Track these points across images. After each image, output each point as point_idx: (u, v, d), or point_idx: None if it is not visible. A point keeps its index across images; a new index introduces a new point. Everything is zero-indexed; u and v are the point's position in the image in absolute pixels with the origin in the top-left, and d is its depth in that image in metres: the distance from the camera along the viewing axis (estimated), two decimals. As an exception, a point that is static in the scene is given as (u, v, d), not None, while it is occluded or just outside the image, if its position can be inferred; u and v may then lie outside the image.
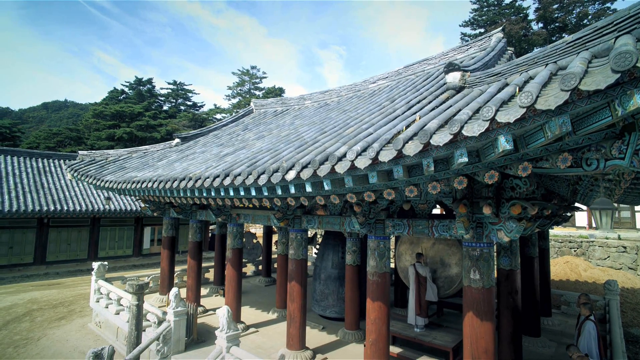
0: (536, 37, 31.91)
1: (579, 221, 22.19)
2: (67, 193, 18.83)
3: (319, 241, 13.32)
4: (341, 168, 4.03)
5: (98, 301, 10.89)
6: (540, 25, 34.30)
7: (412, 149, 3.40)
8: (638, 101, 2.38)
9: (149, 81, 49.88)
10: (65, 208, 17.54)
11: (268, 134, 9.32)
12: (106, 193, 19.31)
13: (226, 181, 5.80)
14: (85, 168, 11.11)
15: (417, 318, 8.03)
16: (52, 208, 17.08)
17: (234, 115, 15.62)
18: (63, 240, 19.19)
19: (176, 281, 13.66)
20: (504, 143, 3.01)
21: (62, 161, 21.09)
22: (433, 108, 4.69)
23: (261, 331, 9.34)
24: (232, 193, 6.05)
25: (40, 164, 20.19)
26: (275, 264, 16.08)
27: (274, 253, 15.68)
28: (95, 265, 11.39)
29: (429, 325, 8.23)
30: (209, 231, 25.44)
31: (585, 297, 6.92)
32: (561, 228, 21.38)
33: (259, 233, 26.26)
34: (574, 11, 31.76)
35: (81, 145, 40.26)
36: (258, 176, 5.23)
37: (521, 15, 33.82)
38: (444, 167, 3.87)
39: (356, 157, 3.89)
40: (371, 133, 4.63)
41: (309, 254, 18.14)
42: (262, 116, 14.15)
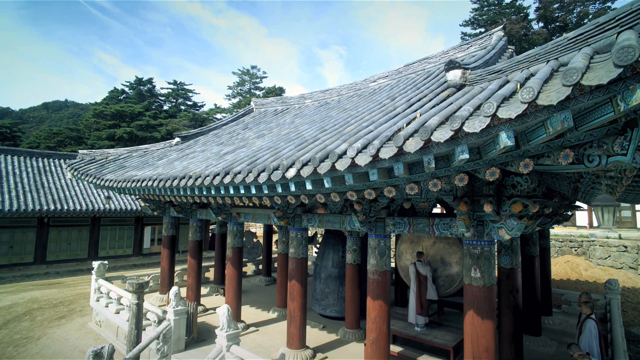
0: (537, 37, 31.86)
1: (580, 221, 22.17)
2: (68, 192, 18.83)
3: (319, 240, 13.30)
4: (342, 165, 4.02)
5: (98, 300, 10.88)
6: (540, 24, 34.27)
7: (413, 146, 3.39)
8: (641, 96, 2.36)
9: (149, 81, 49.88)
10: (65, 207, 17.54)
11: (268, 133, 9.31)
12: (106, 192, 19.32)
13: (226, 179, 5.79)
14: (85, 167, 11.10)
15: (418, 317, 8.01)
16: (53, 207, 17.08)
17: (234, 114, 15.60)
18: (63, 239, 19.19)
19: (176, 280, 13.65)
20: (505, 139, 3.00)
21: (62, 160, 21.09)
22: (434, 105, 4.68)
23: (261, 330, 9.33)
24: (232, 191, 6.04)
25: (40, 164, 20.19)
26: (275, 263, 16.07)
27: (274, 252, 15.65)
28: (95, 264, 11.36)
29: (430, 324, 8.22)
30: (209, 231, 25.43)
31: (586, 296, 6.90)
32: (562, 227, 21.35)
33: (259, 232, 26.24)
34: (575, 10, 31.73)
35: (81, 145, 40.28)
36: (258, 174, 5.21)
37: (521, 14, 33.79)
38: (445, 165, 3.85)
39: (357, 155, 3.87)
40: (372, 130, 4.61)
41: (309, 254, 18.13)
42: (263, 115, 14.14)
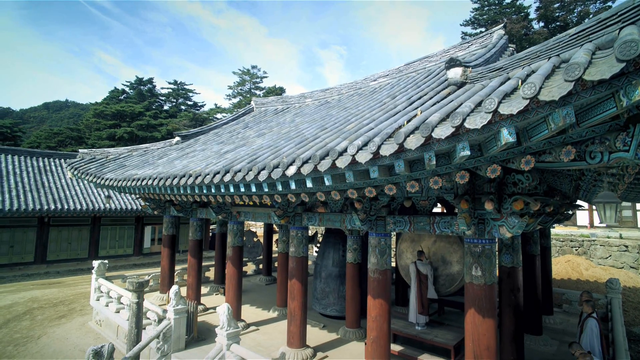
0: (537, 36, 31.81)
1: (581, 220, 22.13)
2: (68, 192, 18.82)
3: (320, 240, 13.28)
4: (342, 163, 4.00)
5: (98, 299, 10.87)
6: (541, 24, 34.26)
7: (414, 143, 3.37)
8: (643, 91, 2.34)
9: (150, 81, 49.89)
10: (65, 207, 17.53)
11: (269, 132, 9.29)
12: (107, 192, 19.32)
13: (226, 177, 5.77)
14: (85, 166, 11.09)
15: (418, 316, 8.00)
16: (53, 207, 17.08)
17: (235, 113, 15.59)
18: (64, 239, 19.18)
19: (176, 280, 13.64)
20: (507, 135, 2.98)
21: (63, 160, 21.08)
22: (434, 103, 4.66)
23: (262, 329, 9.32)
24: (233, 190, 6.02)
25: (40, 163, 20.18)
26: (276, 263, 16.06)
27: (275, 252, 15.64)
28: (95, 263, 11.34)
29: (430, 323, 8.20)
30: (210, 230, 25.43)
31: (587, 295, 6.89)
32: (563, 227, 21.32)
33: (260, 232, 26.22)
34: (575, 10, 31.71)
35: (82, 145, 40.28)
36: (258, 172, 5.20)
37: (522, 14, 33.77)
38: (446, 162, 3.84)
39: (357, 152, 3.86)
40: (372, 128, 4.59)
41: (310, 253, 18.11)
42: (263, 114, 14.13)
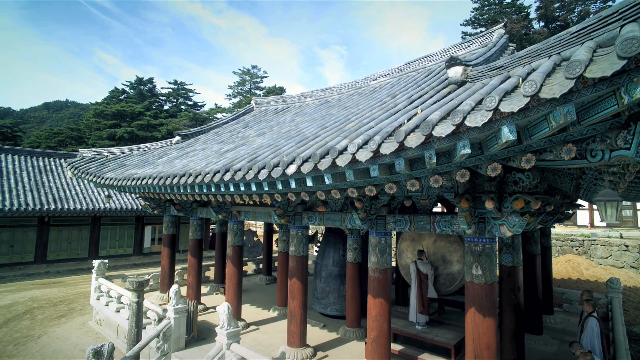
0: (537, 36, 31.78)
1: (581, 220, 22.10)
2: (68, 192, 18.82)
3: (320, 239, 13.27)
4: (342, 161, 3.99)
5: (98, 299, 10.87)
6: (541, 24, 34.22)
7: (414, 141, 3.37)
8: (645, 88, 2.33)
9: (150, 81, 49.90)
10: (66, 207, 17.52)
11: (269, 131, 9.29)
12: (107, 191, 19.31)
13: (226, 176, 5.77)
14: (85, 165, 11.09)
15: (419, 315, 7.99)
16: (53, 207, 17.07)
17: (235, 113, 15.59)
18: (64, 239, 19.18)
19: (177, 279, 13.63)
20: (508, 133, 2.97)
21: (63, 160, 21.09)
22: (435, 102, 4.65)
23: (262, 329, 9.31)
24: (233, 189, 6.01)
25: (41, 163, 20.19)
26: (276, 263, 16.05)
27: (275, 252, 15.64)
28: (95, 263, 11.34)
29: (430, 322, 8.19)
30: (210, 230, 25.43)
31: (588, 294, 6.88)
32: (563, 227, 21.30)
33: (260, 232, 26.22)
34: (576, 10, 31.69)
35: (82, 144, 40.30)
36: (258, 171, 5.19)
37: (522, 14, 33.74)
38: (446, 160, 3.83)
39: (357, 150, 3.85)
40: (372, 127, 4.59)
41: (310, 253, 18.10)
42: (263, 114, 14.12)
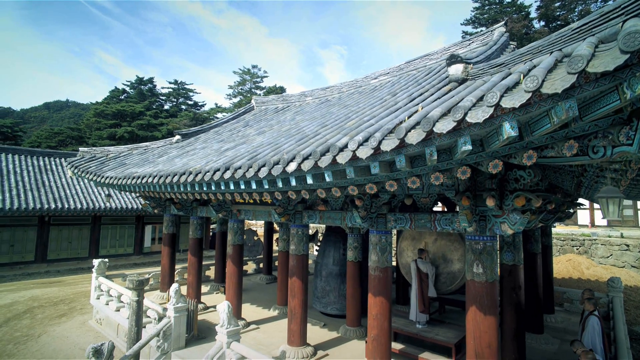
0: (538, 35, 31.73)
1: (582, 219, 22.09)
2: (68, 191, 18.82)
3: (320, 239, 13.26)
4: (343, 159, 3.98)
5: (98, 298, 10.86)
6: (542, 23, 34.19)
7: (415, 138, 3.35)
8: (648, 83, 2.31)
9: (150, 80, 49.92)
10: (66, 206, 17.53)
11: (269, 129, 9.27)
12: (107, 191, 19.33)
13: (226, 175, 5.75)
14: (85, 165, 11.07)
15: (419, 314, 7.97)
16: (53, 206, 17.08)
17: (235, 112, 15.58)
18: (64, 238, 19.18)
19: (177, 278, 13.61)
20: (509, 129, 2.95)
21: (63, 159, 21.08)
22: (436, 99, 4.63)
23: (262, 328, 9.30)
24: (233, 187, 6.00)
25: (41, 162, 20.19)
26: (276, 262, 16.03)
27: (275, 251, 15.63)
28: (95, 262, 11.33)
29: (431, 321, 8.18)
30: (210, 229, 25.42)
31: (589, 293, 6.87)
32: (564, 226, 21.28)
33: (260, 231, 26.21)
34: (576, 9, 31.64)
35: (82, 144, 40.31)
36: (259, 169, 5.18)
37: (523, 13, 33.71)
38: (447, 157, 3.81)
39: (358, 147, 3.83)
40: (373, 124, 4.57)
41: (310, 252, 18.09)
42: (263, 113, 14.11)
